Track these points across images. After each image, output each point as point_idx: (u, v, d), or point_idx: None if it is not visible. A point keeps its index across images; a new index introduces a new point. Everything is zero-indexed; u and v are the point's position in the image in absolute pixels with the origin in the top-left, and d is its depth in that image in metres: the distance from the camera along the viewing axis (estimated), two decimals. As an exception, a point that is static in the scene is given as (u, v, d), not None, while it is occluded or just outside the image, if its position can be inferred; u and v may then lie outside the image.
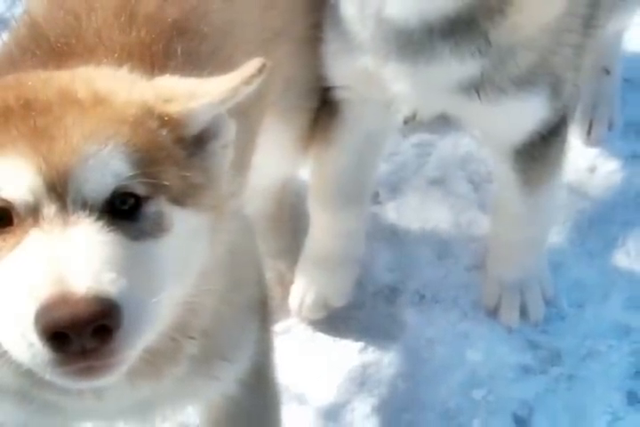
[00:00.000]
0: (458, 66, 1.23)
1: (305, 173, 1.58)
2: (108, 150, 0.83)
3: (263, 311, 1.17)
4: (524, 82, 1.27)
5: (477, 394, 1.52)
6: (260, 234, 1.29)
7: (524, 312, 1.59)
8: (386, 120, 1.42)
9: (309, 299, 1.56)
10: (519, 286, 1.58)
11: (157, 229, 0.85)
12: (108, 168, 0.83)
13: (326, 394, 1.51)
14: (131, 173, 0.83)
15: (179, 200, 0.87)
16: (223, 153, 0.94)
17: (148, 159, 0.85)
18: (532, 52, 1.25)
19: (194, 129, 0.91)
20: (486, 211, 1.66)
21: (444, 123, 1.68)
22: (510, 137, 1.38)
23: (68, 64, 0.98)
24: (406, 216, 1.70)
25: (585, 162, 1.78)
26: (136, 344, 0.81)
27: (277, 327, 1.48)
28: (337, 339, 1.56)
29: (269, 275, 1.37)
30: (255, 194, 1.31)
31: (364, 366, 1.54)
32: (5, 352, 0.81)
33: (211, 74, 0.94)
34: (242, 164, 1.15)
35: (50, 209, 0.81)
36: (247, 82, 0.89)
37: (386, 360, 1.54)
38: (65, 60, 1.01)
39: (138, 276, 0.80)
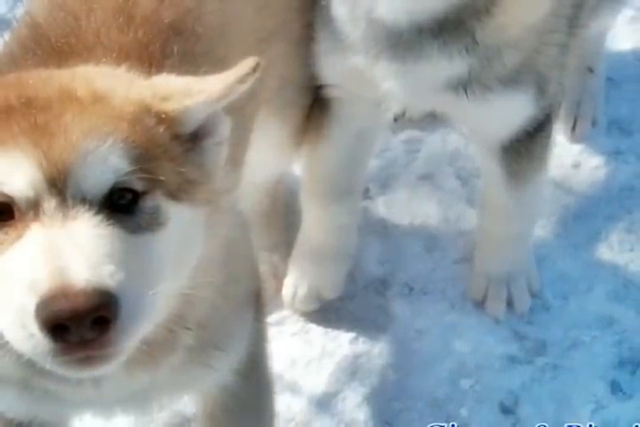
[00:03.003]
0: (446, 64, 1.25)
1: (298, 168, 1.60)
2: (107, 147, 0.85)
3: (257, 303, 1.19)
4: (511, 80, 1.29)
5: (465, 384, 1.54)
6: (255, 228, 1.32)
7: (510, 304, 1.61)
8: (376, 117, 1.44)
9: (302, 291, 1.58)
10: (505, 278, 1.60)
11: (154, 222, 0.86)
12: (106, 164, 0.84)
13: (318, 384, 1.53)
14: (129, 169, 0.85)
15: (175, 195, 0.89)
16: (218, 149, 0.96)
17: (145, 155, 0.87)
18: (518, 52, 1.27)
19: (190, 126, 0.92)
20: (474, 206, 1.68)
21: (432, 120, 1.71)
22: (497, 134, 1.40)
23: (67, 63, 1.00)
24: (396, 211, 1.72)
25: (569, 158, 1.80)
26: (133, 335, 0.83)
27: (271, 319, 1.49)
28: (329, 330, 1.58)
29: (263, 268, 1.39)
30: (250, 189, 1.34)
31: (355, 357, 1.56)
32: (7, 343, 0.82)
33: (206, 73, 0.96)
34: (236, 160, 1.16)
35: (50, 204, 0.83)
36: (242, 80, 0.90)
37: (376, 351, 1.56)
38: (65, 59, 1.02)
39: (135, 268, 0.82)
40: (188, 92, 0.91)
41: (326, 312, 1.60)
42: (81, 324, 0.78)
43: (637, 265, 1.68)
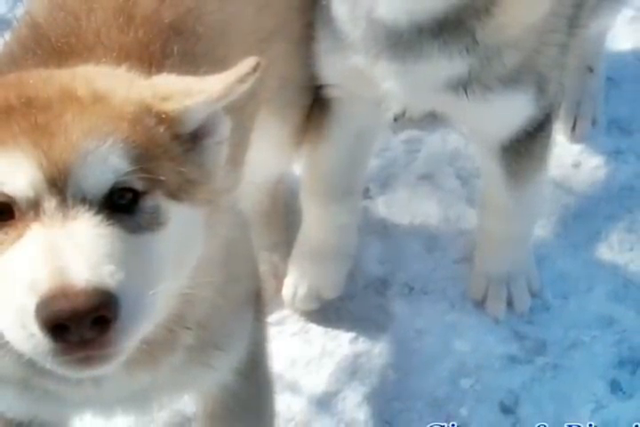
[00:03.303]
0: (446, 64, 1.25)
1: (298, 168, 1.61)
2: (107, 147, 0.85)
3: (257, 303, 1.19)
4: (511, 80, 1.29)
5: (465, 383, 1.54)
6: (255, 228, 1.32)
7: (510, 304, 1.61)
8: (376, 117, 1.44)
9: (302, 291, 1.58)
10: (505, 278, 1.60)
11: (154, 222, 0.87)
12: (106, 164, 0.85)
13: (318, 383, 1.53)
14: (129, 169, 0.85)
15: (175, 195, 0.89)
16: (218, 149, 0.96)
17: (145, 155, 0.87)
18: (518, 52, 1.27)
19: (190, 126, 0.92)
20: (474, 205, 1.68)
21: (432, 120, 1.71)
22: (497, 134, 1.40)
23: (68, 63, 1.00)
24: (396, 210, 1.72)
25: (569, 158, 1.80)
26: (133, 335, 0.83)
27: (271, 318, 1.49)
28: (329, 330, 1.58)
29: (263, 268, 1.40)
30: (250, 189, 1.34)
31: (356, 356, 1.56)
32: (7, 343, 0.83)
33: (206, 73, 0.96)
34: (236, 160, 1.16)
35: (50, 204, 0.83)
36: (242, 80, 0.90)
37: (376, 350, 1.57)
38: (65, 59, 1.03)
39: (135, 268, 0.82)
40: (188, 92, 0.92)
41: (326, 312, 1.61)
42: (81, 324, 0.78)
43: (637, 265, 1.68)
